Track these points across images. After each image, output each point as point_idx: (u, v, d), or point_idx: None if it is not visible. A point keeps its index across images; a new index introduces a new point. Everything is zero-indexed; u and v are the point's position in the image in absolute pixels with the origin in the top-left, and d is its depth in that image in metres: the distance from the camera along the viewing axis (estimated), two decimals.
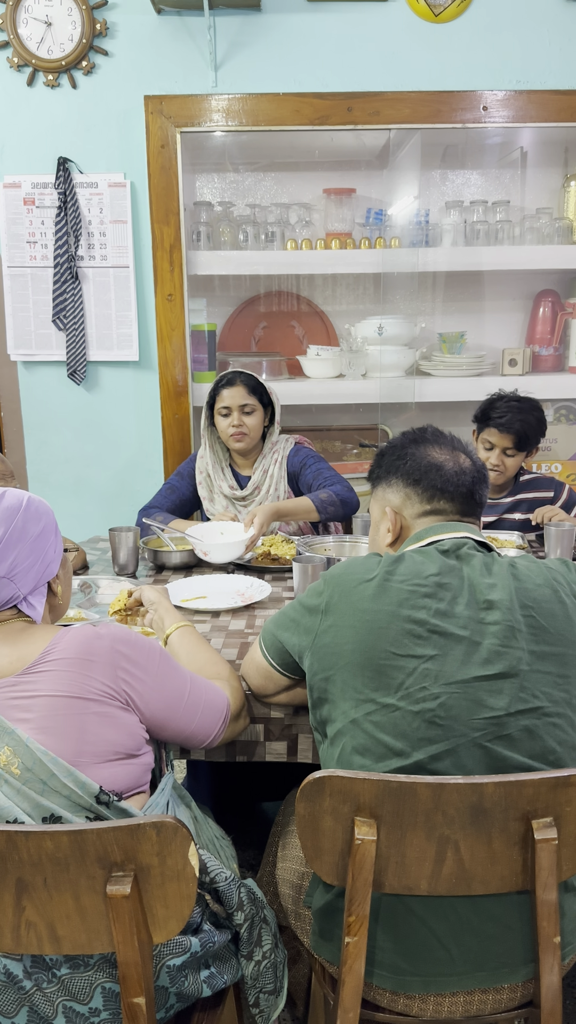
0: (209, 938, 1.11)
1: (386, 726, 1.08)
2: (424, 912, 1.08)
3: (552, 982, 1.07)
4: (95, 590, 1.88)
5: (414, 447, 1.29)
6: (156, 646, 1.18)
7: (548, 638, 1.11)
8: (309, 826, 1.03)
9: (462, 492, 1.25)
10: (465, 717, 1.06)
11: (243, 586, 1.89)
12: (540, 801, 1.01)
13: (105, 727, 1.08)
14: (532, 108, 2.62)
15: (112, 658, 1.10)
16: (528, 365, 2.98)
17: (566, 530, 2.01)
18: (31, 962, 1.02)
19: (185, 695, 1.19)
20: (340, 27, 2.63)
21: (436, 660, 1.08)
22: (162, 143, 2.63)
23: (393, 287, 2.94)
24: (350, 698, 1.11)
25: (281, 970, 1.24)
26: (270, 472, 2.39)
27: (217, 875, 1.12)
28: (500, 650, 1.09)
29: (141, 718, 1.14)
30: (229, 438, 2.34)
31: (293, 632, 1.22)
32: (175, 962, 1.07)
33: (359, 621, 1.12)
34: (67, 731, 1.05)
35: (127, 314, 2.81)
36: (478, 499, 1.27)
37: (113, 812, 1.04)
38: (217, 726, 1.25)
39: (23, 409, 2.93)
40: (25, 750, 1.02)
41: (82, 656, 1.09)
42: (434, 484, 1.25)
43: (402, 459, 1.29)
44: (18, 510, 1.12)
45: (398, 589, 1.12)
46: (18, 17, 2.60)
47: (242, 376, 2.32)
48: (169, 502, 2.42)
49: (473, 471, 1.27)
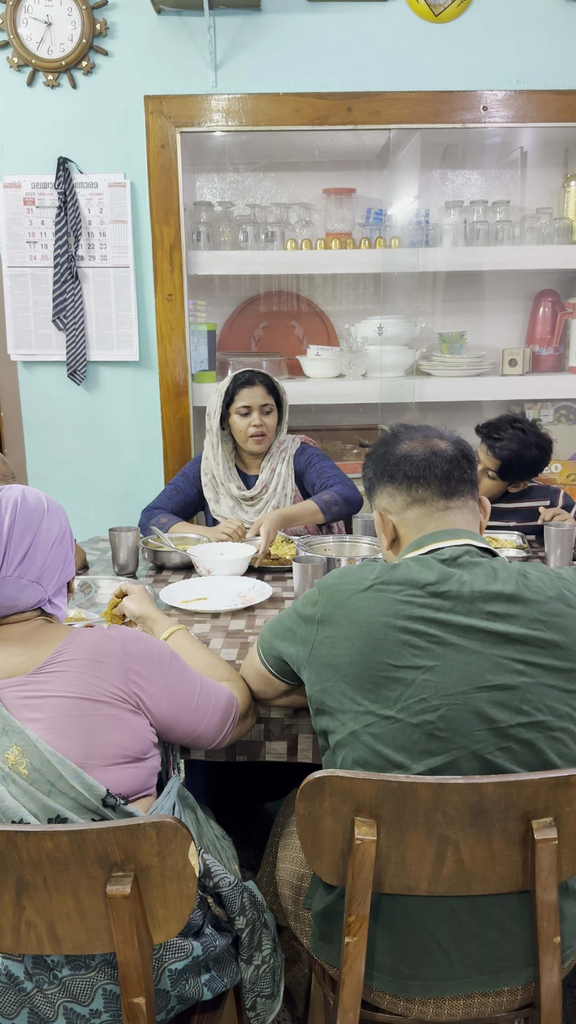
0: (211, 942, 1.11)
1: (386, 738, 1.07)
2: (424, 916, 1.07)
3: (552, 982, 1.07)
4: (95, 590, 1.88)
5: (385, 448, 1.28)
6: (166, 648, 1.18)
7: (557, 653, 1.09)
8: (309, 826, 1.03)
9: (437, 474, 1.21)
10: (465, 729, 1.05)
11: (244, 588, 1.89)
12: (540, 801, 1.01)
13: (114, 729, 1.08)
14: (532, 108, 2.62)
15: (123, 660, 1.10)
16: (528, 365, 2.98)
17: (566, 530, 2.01)
18: (32, 963, 1.02)
19: (196, 696, 1.20)
20: (340, 27, 2.63)
21: (435, 671, 1.06)
22: (162, 143, 2.63)
23: (393, 287, 2.94)
24: (349, 710, 1.10)
25: (279, 974, 1.24)
26: (278, 471, 2.38)
27: (221, 879, 1.12)
28: (502, 661, 1.07)
29: (152, 720, 1.14)
30: (248, 439, 2.31)
31: (290, 642, 1.21)
32: (177, 966, 1.07)
33: (354, 633, 1.10)
34: (76, 732, 1.05)
35: (127, 314, 2.81)
36: (459, 477, 1.22)
37: (119, 815, 1.04)
38: (226, 726, 1.25)
39: (23, 409, 2.93)
40: (34, 750, 1.02)
41: (93, 658, 1.09)
42: (408, 473, 1.22)
43: (378, 463, 1.28)
44: (43, 513, 1.12)
45: (393, 599, 1.10)
46: (18, 17, 2.60)
47: (260, 376, 2.31)
48: (173, 503, 2.41)
49: (452, 450, 1.23)
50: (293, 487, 2.39)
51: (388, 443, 1.29)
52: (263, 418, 2.30)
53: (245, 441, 2.33)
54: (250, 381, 2.30)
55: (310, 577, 1.72)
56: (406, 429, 1.31)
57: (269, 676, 1.30)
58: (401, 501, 1.24)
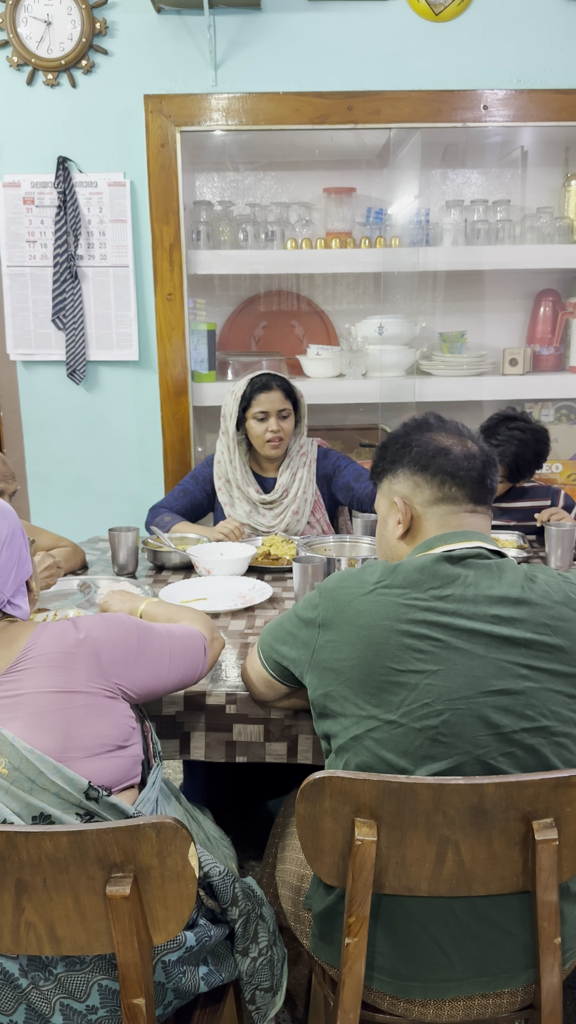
0: (205, 932, 1.11)
1: (388, 743, 1.06)
2: (424, 917, 1.07)
3: (552, 983, 1.07)
4: (94, 590, 1.88)
5: (418, 434, 1.24)
6: (129, 621, 1.20)
7: (564, 658, 1.08)
8: (309, 827, 1.03)
9: (473, 477, 1.18)
10: (469, 735, 1.04)
11: (244, 588, 1.88)
12: (540, 802, 1.00)
13: (92, 718, 1.08)
14: (532, 107, 2.62)
15: (94, 650, 1.11)
16: (529, 365, 2.98)
17: (566, 530, 2.01)
18: (27, 960, 1.02)
19: (166, 650, 1.22)
20: (340, 26, 2.63)
21: (439, 675, 1.05)
22: (162, 142, 2.63)
23: (393, 287, 2.93)
24: (351, 714, 1.09)
25: (279, 968, 1.24)
26: (299, 475, 2.34)
27: (211, 869, 1.12)
28: (506, 665, 1.06)
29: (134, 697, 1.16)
30: (265, 444, 2.28)
31: (291, 646, 1.20)
32: (171, 958, 1.07)
33: (356, 636, 1.09)
34: (54, 727, 1.05)
35: (127, 314, 2.81)
36: (489, 485, 1.20)
37: (103, 807, 1.04)
38: (201, 659, 1.28)
39: (23, 409, 2.92)
40: (11, 749, 1.02)
41: (62, 651, 1.09)
42: (443, 468, 1.18)
43: (407, 447, 1.23)
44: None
45: (396, 603, 1.08)
46: (18, 16, 2.59)
47: (277, 379, 2.28)
48: (180, 505, 2.39)
49: (482, 456, 1.21)
50: (315, 491, 2.36)
51: (420, 429, 1.24)
52: (280, 423, 2.27)
53: (262, 446, 2.30)
54: (267, 386, 2.25)
55: (310, 578, 1.72)
56: (439, 420, 1.27)
57: (271, 680, 1.29)
58: (429, 494, 1.20)
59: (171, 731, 1.42)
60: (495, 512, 2.40)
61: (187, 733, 1.41)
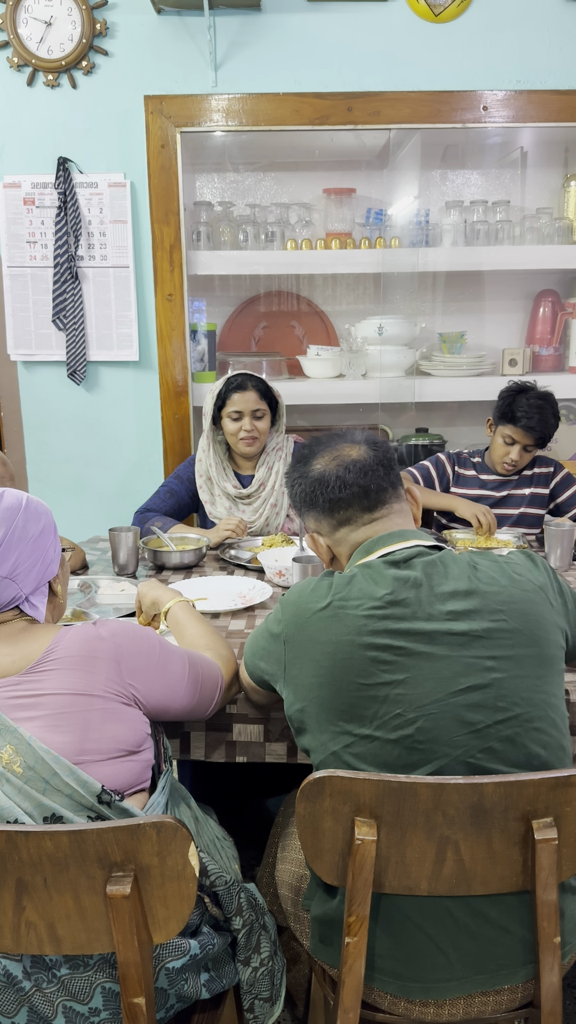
0: (208, 940, 1.11)
1: (367, 757, 1.06)
2: (420, 917, 1.07)
3: (552, 982, 1.07)
4: (95, 590, 1.88)
5: (300, 468, 1.25)
6: (154, 636, 1.20)
7: (521, 639, 1.08)
8: (309, 826, 1.03)
9: (355, 492, 1.18)
10: (445, 737, 1.04)
11: (245, 588, 1.88)
12: (540, 801, 1.01)
13: (109, 723, 1.08)
14: (532, 108, 2.62)
15: (115, 654, 1.12)
16: (528, 365, 2.98)
17: (565, 530, 2.01)
18: (31, 962, 1.02)
19: (185, 676, 1.22)
20: (340, 27, 2.63)
21: (407, 684, 1.05)
22: (162, 143, 2.63)
23: (393, 287, 2.94)
24: (326, 731, 1.09)
25: (279, 978, 1.24)
26: (275, 468, 2.38)
27: (217, 879, 1.12)
28: (472, 661, 1.06)
29: (145, 710, 1.15)
30: (239, 442, 2.31)
31: (266, 661, 1.21)
32: (174, 964, 1.07)
33: (320, 654, 1.09)
34: (72, 728, 1.05)
35: (127, 314, 2.81)
36: (377, 487, 1.19)
37: (115, 812, 1.04)
38: (214, 698, 1.29)
39: (23, 409, 2.93)
40: (28, 749, 1.02)
41: (85, 654, 1.09)
42: (327, 498, 1.20)
43: (296, 485, 1.25)
44: (18, 510, 1.12)
45: (354, 616, 1.08)
46: (18, 17, 2.60)
47: (252, 380, 2.30)
48: (167, 506, 2.41)
49: (364, 459, 1.20)
50: None
51: (302, 463, 1.26)
52: (255, 423, 2.29)
53: (236, 443, 2.33)
54: (242, 386, 2.28)
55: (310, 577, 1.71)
56: (316, 443, 1.27)
57: (258, 689, 1.30)
58: (328, 524, 1.23)
59: (171, 731, 1.42)
60: (522, 481, 2.43)
61: (187, 733, 1.42)
